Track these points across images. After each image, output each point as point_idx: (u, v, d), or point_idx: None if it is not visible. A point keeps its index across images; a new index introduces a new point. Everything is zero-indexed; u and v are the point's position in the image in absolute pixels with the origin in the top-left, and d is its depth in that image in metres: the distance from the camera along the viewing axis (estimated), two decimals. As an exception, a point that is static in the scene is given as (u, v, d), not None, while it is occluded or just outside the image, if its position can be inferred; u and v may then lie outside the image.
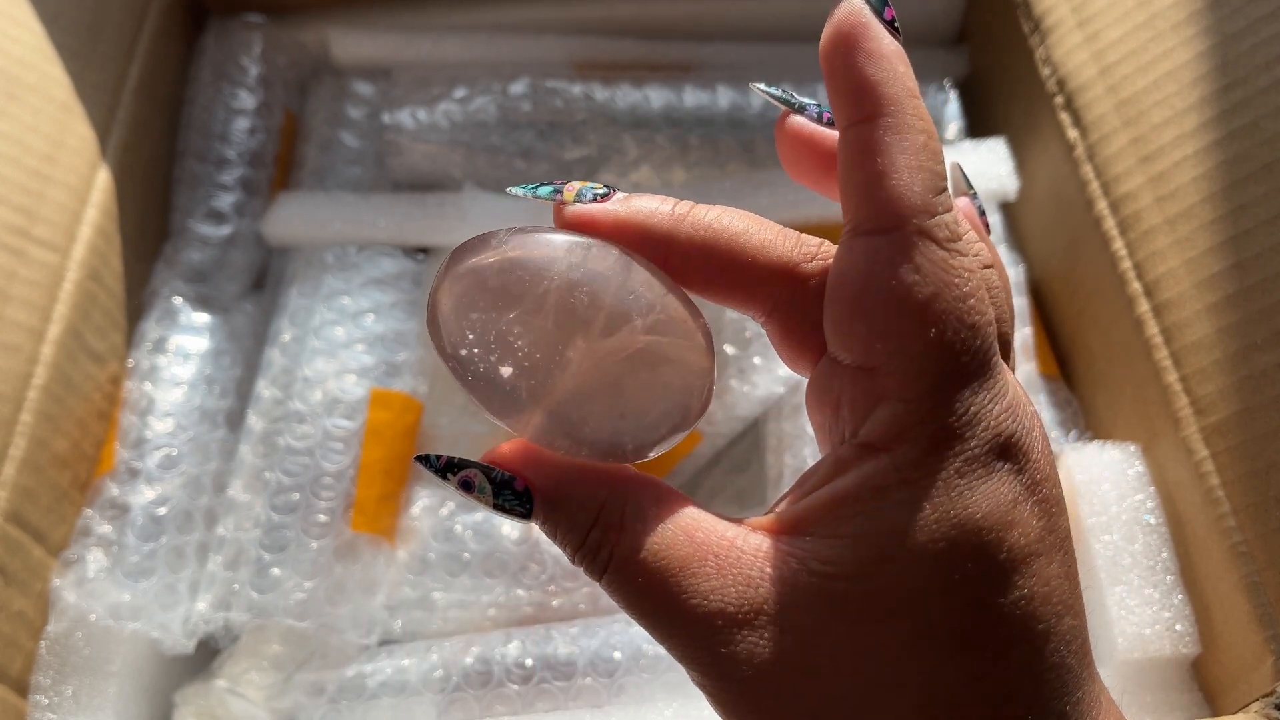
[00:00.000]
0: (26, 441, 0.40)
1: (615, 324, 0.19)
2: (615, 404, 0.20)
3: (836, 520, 0.19)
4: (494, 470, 0.20)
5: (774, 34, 0.56)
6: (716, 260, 0.20)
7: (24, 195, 0.42)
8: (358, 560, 0.42)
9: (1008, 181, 0.49)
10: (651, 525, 0.20)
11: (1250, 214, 0.37)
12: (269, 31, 0.54)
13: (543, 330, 0.19)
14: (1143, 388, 0.40)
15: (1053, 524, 0.20)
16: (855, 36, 0.19)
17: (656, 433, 0.20)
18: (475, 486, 0.20)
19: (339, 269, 0.48)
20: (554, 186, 0.21)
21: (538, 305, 0.19)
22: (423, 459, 0.20)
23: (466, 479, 0.20)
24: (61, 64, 0.45)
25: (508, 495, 0.20)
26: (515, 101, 0.51)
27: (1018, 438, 0.19)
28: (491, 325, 0.19)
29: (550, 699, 0.40)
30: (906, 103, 0.19)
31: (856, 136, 0.19)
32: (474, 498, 0.20)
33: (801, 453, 0.43)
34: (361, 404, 0.44)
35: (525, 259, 0.20)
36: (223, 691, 0.40)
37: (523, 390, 0.20)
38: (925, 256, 0.18)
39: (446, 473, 0.20)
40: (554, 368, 0.19)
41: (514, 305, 0.19)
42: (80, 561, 0.41)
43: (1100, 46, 0.44)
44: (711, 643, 0.19)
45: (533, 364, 0.19)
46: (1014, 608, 0.18)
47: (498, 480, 0.20)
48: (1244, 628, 0.35)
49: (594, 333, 0.19)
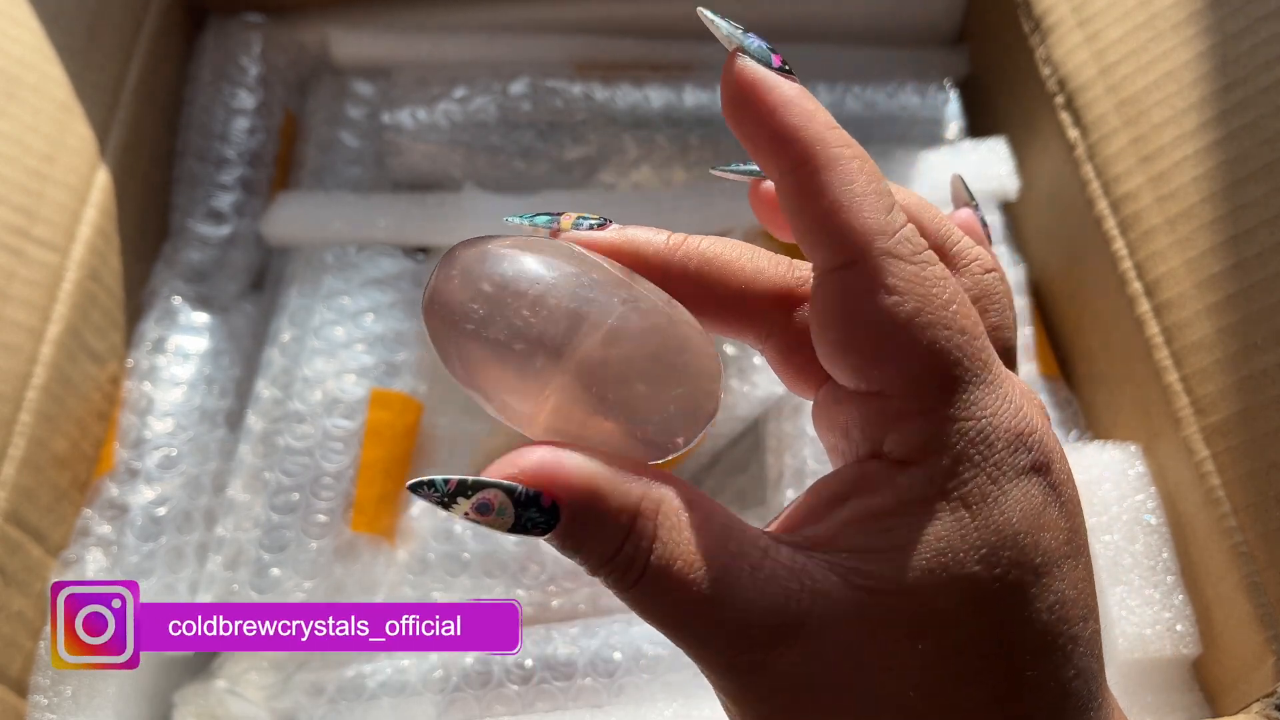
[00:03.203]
0: (26, 441, 0.40)
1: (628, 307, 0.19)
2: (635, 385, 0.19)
3: (875, 534, 0.19)
4: (517, 488, 0.18)
5: (774, 34, 0.56)
6: (711, 288, 0.20)
7: (23, 195, 0.42)
8: (357, 560, 0.42)
9: (1008, 181, 0.49)
10: (685, 534, 0.19)
11: (1251, 214, 0.37)
12: (269, 31, 0.54)
13: (556, 308, 0.19)
14: (1143, 387, 0.40)
15: (1076, 525, 0.19)
16: (754, 94, 0.19)
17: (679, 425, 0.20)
18: (495, 509, 0.18)
19: (339, 269, 0.48)
20: (550, 216, 0.21)
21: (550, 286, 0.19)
22: (422, 485, 0.18)
23: (484, 502, 0.18)
24: (61, 64, 0.45)
25: (533, 513, 0.18)
26: (515, 101, 0.51)
27: (1036, 439, 0.19)
28: (500, 307, 0.19)
29: (550, 699, 0.40)
30: (829, 136, 0.19)
31: (793, 184, 0.19)
32: (487, 522, 0.18)
33: (801, 452, 0.43)
34: (361, 404, 0.44)
35: (533, 246, 0.19)
36: (222, 692, 0.40)
37: (537, 363, 0.19)
38: (897, 276, 0.18)
39: (458, 496, 0.18)
40: (566, 346, 0.19)
41: (524, 286, 0.19)
42: (79, 561, 0.41)
43: (1100, 46, 0.44)
44: (749, 657, 0.18)
45: (546, 340, 0.19)
46: (1046, 614, 0.18)
47: (522, 499, 0.18)
48: (1244, 628, 0.35)
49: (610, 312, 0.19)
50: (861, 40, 0.56)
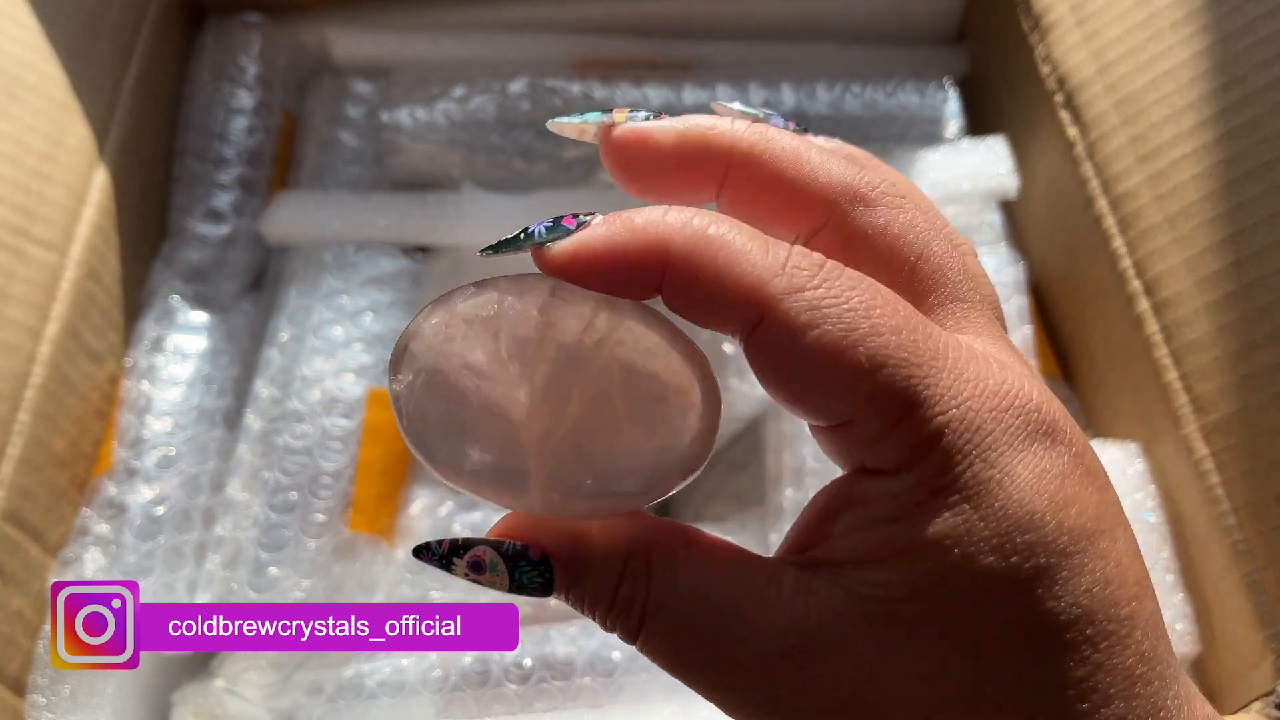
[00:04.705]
0: (24, 441, 0.40)
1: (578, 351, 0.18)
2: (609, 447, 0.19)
3: (876, 544, 0.18)
4: (504, 543, 0.19)
5: (773, 33, 0.56)
6: (771, 174, 0.20)
7: (22, 194, 0.42)
8: (356, 560, 0.42)
9: (1007, 180, 0.49)
10: (683, 570, 0.18)
11: (1249, 211, 0.37)
12: (268, 30, 0.54)
13: (501, 391, 0.18)
14: (1142, 386, 0.40)
15: (1106, 496, 0.18)
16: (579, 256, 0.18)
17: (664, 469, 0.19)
18: (486, 565, 0.19)
19: (337, 268, 0.48)
20: (602, 113, 0.20)
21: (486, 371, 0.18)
22: (422, 550, 0.19)
23: (476, 559, 0.19)
24: (60, 63, 0.45)
25: (524, 568, 0.19)
26: (514, 100, 0.51)
27: (1032, 406, 0.18)
28: (454, 418, 0.18)
29: (549, 699, 0.40)
30: (669, 227, 0.18)
31: (673, 288, 0.18)
32: (486, 580, 0.19)
33: (801, 452, 0.43)
34: (359, 403, 0.44)
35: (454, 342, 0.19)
36: (221, 691, 0.40)
37: (511, 467, 0.19)
38: (806, 309, 0.17)
39: (453, 558, 0.19)
40: (524, 430, 0.18)
41: (462, 394, 0.18)
42: (78, 561, 0.41)
43: (1099, 45, 0.44)
44: (770, 684, 0.18)
45: (505, 436, 0.18)
46: (1085, 597, 0.17)
47: (510, 553, 0.19)
48: (1244, 626, 0.35)
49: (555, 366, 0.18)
50: (861, 39, 0.56)
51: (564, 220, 0.18)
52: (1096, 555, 0.17)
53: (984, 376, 0.18)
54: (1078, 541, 0.17)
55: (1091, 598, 0.17)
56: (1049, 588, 0.17)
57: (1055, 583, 0.17)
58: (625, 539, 0.19)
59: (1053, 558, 0.17)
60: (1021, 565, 0.17)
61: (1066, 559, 0.17)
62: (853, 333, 0.17)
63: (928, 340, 0.18)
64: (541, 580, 0.19)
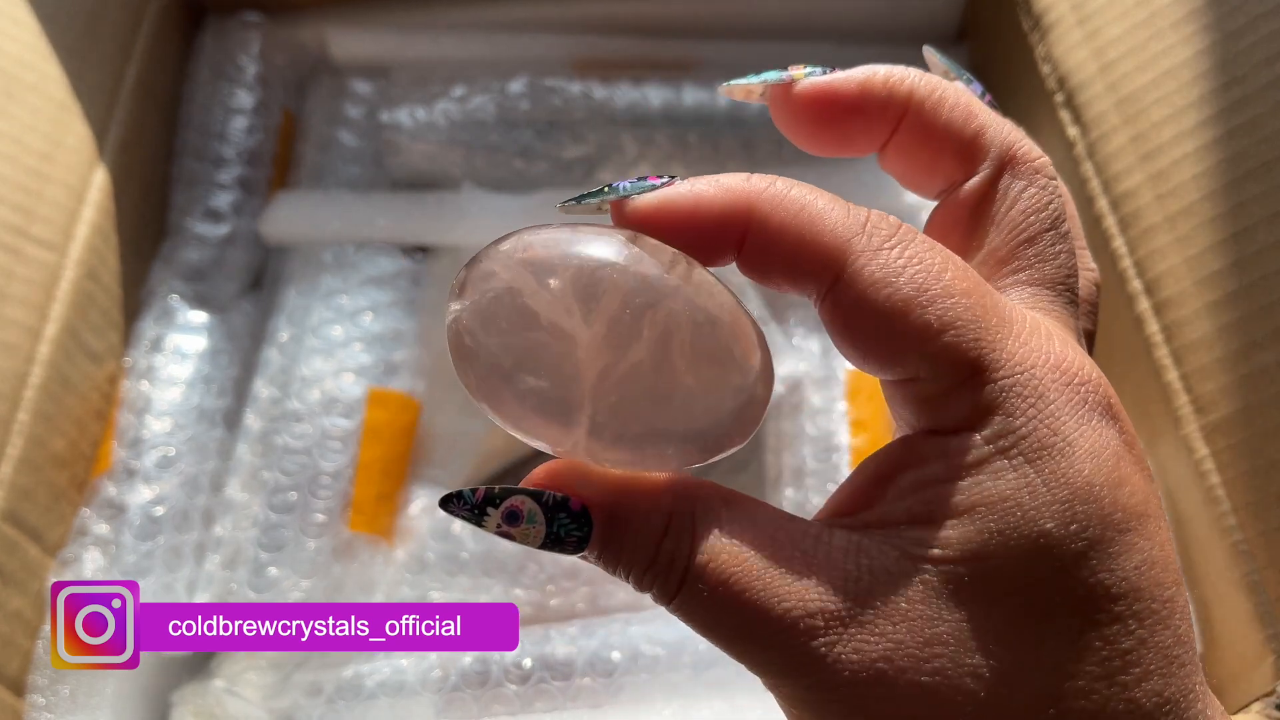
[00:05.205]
0: (24, 441, 0.40)
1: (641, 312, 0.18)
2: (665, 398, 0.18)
3: (933, 504, 0.18)
4: (544, 493, 0.18)
5: (773, 33, 0.56)
6: None
7: (22, 194, 0.42)
8: (355, 560, 0.42)
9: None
10: (726, 528, 0.18)
11: (1250, 211, 0.37)
12: (267, 30, 0.54)
13: (569, 321, 0.18)
14: (1142, 386, 0.40)
15: (1152, 485, 0.18)
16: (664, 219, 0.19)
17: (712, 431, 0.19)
18: (524, 516, 0.18)
19: (337, 268, 0.48)
20: (779, 71, 0.21)
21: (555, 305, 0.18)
22: (452, 499, 0.18)
23: (513, 509, 0.18)
24: (59, 63, 0.45)
25: (563, 519, 0.18)
26: (514, 100, 0.51)
27: (1093, 384, 0.18)
28: (517, 338, 0.18)
29: (548, 699, 0.40)
30: (753, 188, 0.18)
31: (754, 248, 0.18)
32: (519, 533, 0.18)
33: (801, 452, 0.43)
34: (359, 403, 0.44)
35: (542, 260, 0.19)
36: (220, 691, 0.40)
37: (562, 398, 0.18)
38: (882, 268, 0.18)
39: (487, 507, 0.18)
40: (584, 364, 0.18)
41: (532, 315, 0.18)
42: (77, 561, 0.41)
43: (1100, 44, 0.44)
44: (813, 647, 0.17)
45: (564, 366, 0.18)
46: (1135, 575, 0.17)
47: (550, 504, 0.18)
48: (1244, 626, 0.35)
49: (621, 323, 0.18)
50: (861, 38, 0.56)
51: (649, 178, 0.19)
52: (1145, 535, 0.17)
53: (1049, 349, 0.18)
54: (1129, 520, 0.17)
55: (1140, 575, 0.17)
56: (1102, 560, 0.17)
57: (1109, 556, 0.17)
58: (669, 495, 0.18)
59: (1108, 530, 0.17)
60: (1080, 534, 0.17)
61: (1120, 534, 0.17)
62: (924, 293, 0.17)
63: (996, 308, 0.18)
64: (580, 534, 0.18)
